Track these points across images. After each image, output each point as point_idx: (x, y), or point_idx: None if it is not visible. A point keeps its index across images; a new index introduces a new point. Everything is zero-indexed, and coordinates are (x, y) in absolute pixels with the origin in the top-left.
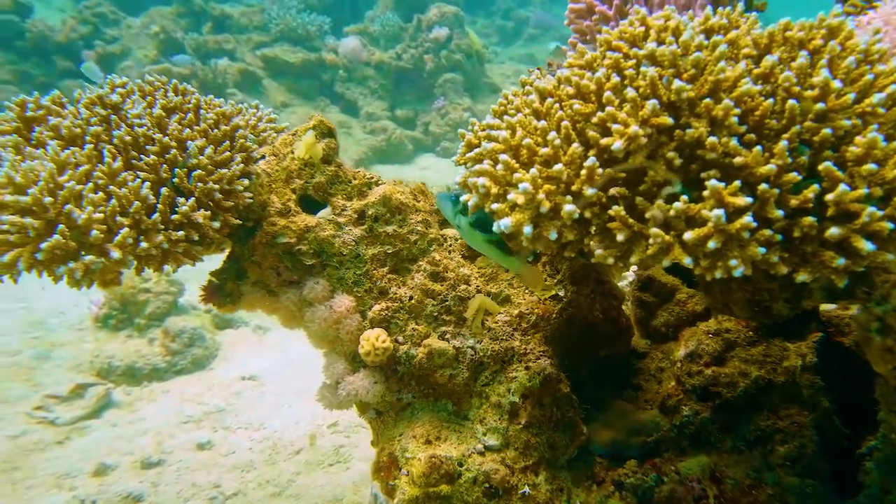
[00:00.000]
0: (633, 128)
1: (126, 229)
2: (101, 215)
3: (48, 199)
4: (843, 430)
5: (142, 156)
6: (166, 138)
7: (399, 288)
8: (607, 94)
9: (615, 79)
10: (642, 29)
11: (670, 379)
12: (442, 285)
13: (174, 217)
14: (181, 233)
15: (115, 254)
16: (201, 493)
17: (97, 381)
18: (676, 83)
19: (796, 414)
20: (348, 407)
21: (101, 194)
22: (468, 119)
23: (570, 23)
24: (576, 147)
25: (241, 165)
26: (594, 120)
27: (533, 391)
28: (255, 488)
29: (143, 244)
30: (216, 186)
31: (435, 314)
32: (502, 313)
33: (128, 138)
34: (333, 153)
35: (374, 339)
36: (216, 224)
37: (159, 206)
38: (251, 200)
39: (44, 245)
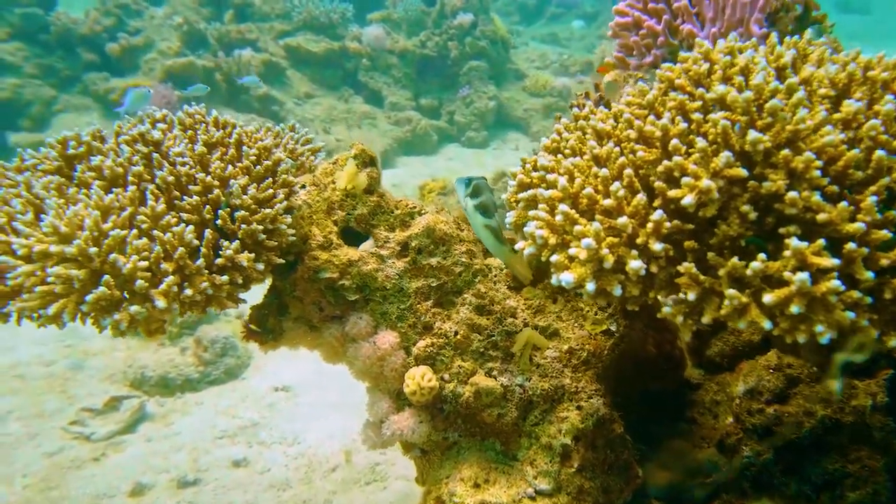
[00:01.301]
0: (706, 182)
1: (171, 277)
2: (146, 262)
3: (93, 250)
4: None
5: (184, 196)
6: (209, 177)
7: (444, 322)
8: (674, 141)
9: (682, 125)
10: (706, 66)
11: (727, 413)
12: (488, 319)
13: (218, 261)
14: (225, 277)
15: (160, 303)
16: None
17: (131, 393)
18: (752, 134)
19: (867, 457)
20: (392, 445)
21: (144, 240)
22: (493, 108)
23: (614, 35)
24: (640, 198)
25: (285, 203)
26: (660, 169)
27: (586, 433)
28: None
29: (188, 291)
30: (260, 227)
31: (481, 350)
32: (551, 349)
33: (171, 178)
34: (375, 182)
35: (419, 379)
36: (260, 266)
37: (203, 249)
38: (294, 238)
39: (89, 297)
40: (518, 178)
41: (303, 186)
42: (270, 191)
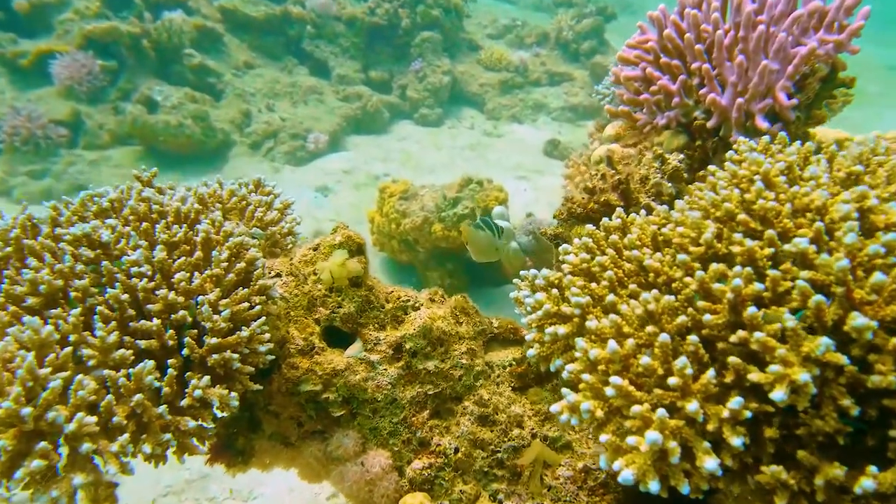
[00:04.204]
0: (802, 376)
1: (126, 435)
2: (94, 418)
3: (27, 411)
4: None
5: (140, 318)
6: (172, 293)
7: (442, 437)
8: (751, 310)
9: (757, 286)
10: (773, 197)
11: None
12: (492, 431)
13: (184, 402)
14: (192, 424)
15: (112, 468)
16: None
17: None
18: (859, 320)
19: None
20: None
21: (91, 384)
22: (448, 83)
23: (617, 81)
24: (711, 376)
25: (262, 318)
26: (733, 339)
27: None
28: None
29: (147, 448)
30: (235, 356)
31: (485, 469)
32: (563, 466)
33: (124, 297)
34: (364, 274)
35: None
36: (234, 402)
37: (165, 388)
38: (272, 357)
39: (20, 472)
40: (544, 309)
41: (278, 275)
42: (246, 304)
